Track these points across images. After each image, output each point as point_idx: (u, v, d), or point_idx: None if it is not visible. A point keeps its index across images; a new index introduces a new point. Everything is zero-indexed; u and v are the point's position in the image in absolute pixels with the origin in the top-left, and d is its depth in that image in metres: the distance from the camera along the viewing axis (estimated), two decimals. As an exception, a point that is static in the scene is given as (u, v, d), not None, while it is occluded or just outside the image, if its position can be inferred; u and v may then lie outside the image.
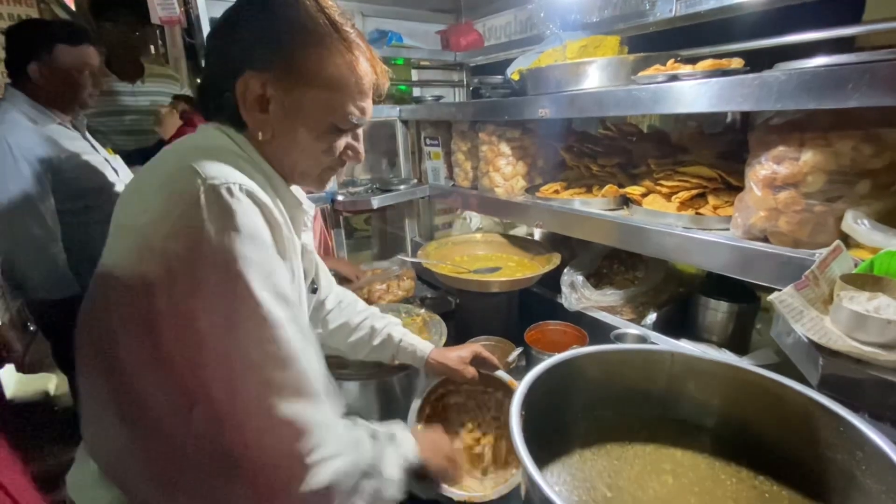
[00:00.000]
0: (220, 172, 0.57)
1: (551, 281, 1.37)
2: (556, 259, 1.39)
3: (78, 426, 0.71)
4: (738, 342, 1.22)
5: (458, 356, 0.96)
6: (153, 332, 0.58)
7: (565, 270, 1.35)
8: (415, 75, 2.27)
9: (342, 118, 0.67)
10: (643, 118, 1.49)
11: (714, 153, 1.11)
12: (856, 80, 0.66)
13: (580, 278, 1.33)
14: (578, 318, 1.30)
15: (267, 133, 0.65)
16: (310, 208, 0.78)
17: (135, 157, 1.85)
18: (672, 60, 1.02)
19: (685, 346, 1.14)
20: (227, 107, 0.65)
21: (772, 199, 0.85)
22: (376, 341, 1.00)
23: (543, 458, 0.61)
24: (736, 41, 1.19)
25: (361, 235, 2.79)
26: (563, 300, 1.32)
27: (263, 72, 0.63)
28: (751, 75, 0.81)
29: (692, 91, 0.88)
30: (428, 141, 1.80)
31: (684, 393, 0.63)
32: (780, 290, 0.66)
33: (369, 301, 1.62)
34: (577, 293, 1.31)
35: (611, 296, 1.29)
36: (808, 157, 0.81)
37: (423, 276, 1.83)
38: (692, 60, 0.98)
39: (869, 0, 1.33)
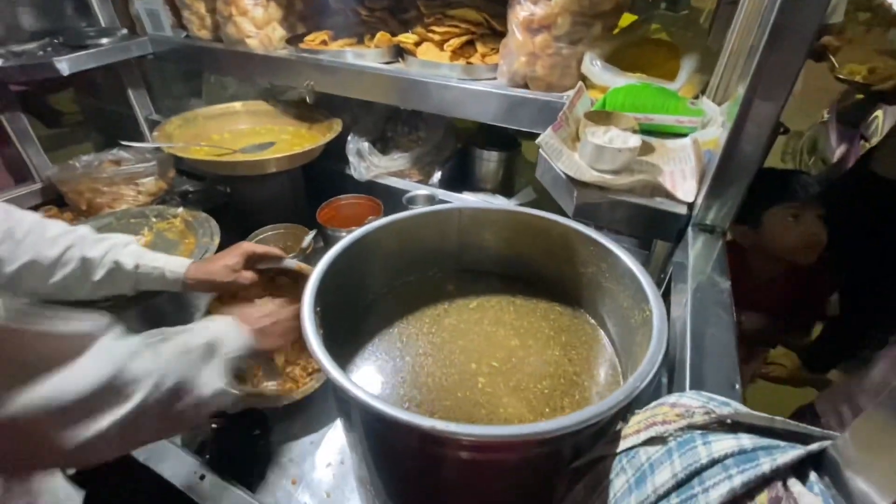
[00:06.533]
0: None
1: (337, 151, 1.24)
2: (336, 126, 1.24)
3: None
4: (507, 186, 1.38)
5: (225, 266, 0.78)
6: None
7: (349, 138, 1.24)
8: None
9: None
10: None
11: (480, -6, 1.06)
12: None
13: (366, 145, 1.24)
14: (370, 188, 1.24)
15: None
16: None
17: None
18: None
19: (468, 198, 1.23)
20: None
21: (530, 43, 0.87)
22: (98, 275, 0.74)
23: (354, 343, 0.59)
24: None
25: (74, 121, 1.99)
26: (352, 171, 1.23)
27: None
28: None
29: None
30: (127, -32, 1.26)
31: (473, 243, 0.66)
32: (540, 134, 0.71)
33: (99, 207, 1.21)
34: (366, 161, 1.24)
35: (398, 160, 1.26)
36: (558, -4, 0.83)
37: (177, 166, 1.44)
38: None
39: None
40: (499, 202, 1.29)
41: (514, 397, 0.53)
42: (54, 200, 1.33)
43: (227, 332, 0.62)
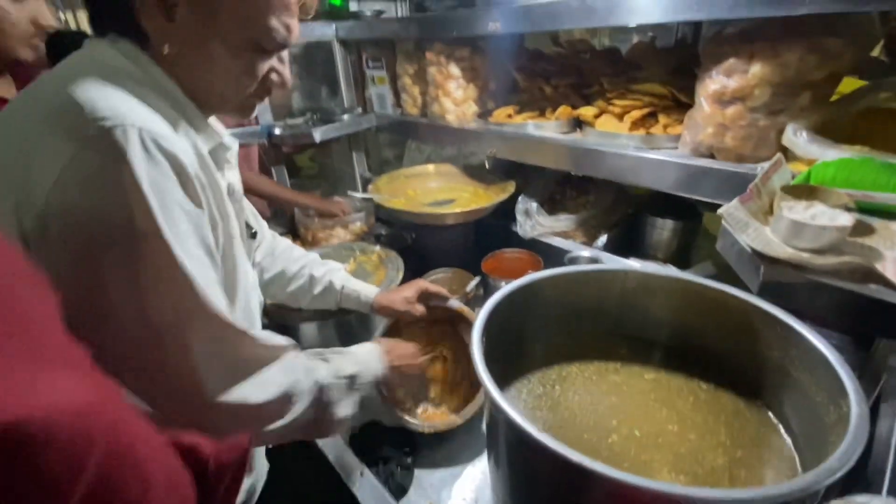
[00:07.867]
0: (113, 110, 0.46)
1: (506, 209, 1.36)
2: (510, 188, 1.37)
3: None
4: (681, 257, 1.29)
5: (404, 297, 0.95)
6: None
7: (519, 198, 1.35)
8: (350, -13, 2.03)
9: (264, 35, 0.57)
10: (596, 34, 1.43)
11: (666, 69, 1.09)
12: (810, -16, 0.64)
13: (534, 205, 1.33)
14: (533, 245, 1.31)
15: (174, 46, 0.54)
16: (232, 143, 0.69)
17: None
18: (627, -35, 0.95)
19: (634, 264, 1.19)
20: (123, 15, 0.53)
21: (720, 115, 0.85)
22: (317, 290, 0.97)
23: (503, 382, 0.63)
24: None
25: (308, 174, 2.63)
26: (517, 228, 1.33)
27: None
28: (707, -20, 0.77)
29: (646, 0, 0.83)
30: (371, 63, 1.66)
31: (637, 308, 0.66)
32: (724, 205, 0.68)
33: (318, 240, 1.56)
34: (532, 220, 1.32)
35: (564, 221, 1.31)
36: (756, 69, 0.80)
37: (377, 213, 1.76)
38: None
39: None
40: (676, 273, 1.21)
41: (638, 469, 0.49)
42: (292, 231, 1.75)
43: (369, 362, 0.74)
